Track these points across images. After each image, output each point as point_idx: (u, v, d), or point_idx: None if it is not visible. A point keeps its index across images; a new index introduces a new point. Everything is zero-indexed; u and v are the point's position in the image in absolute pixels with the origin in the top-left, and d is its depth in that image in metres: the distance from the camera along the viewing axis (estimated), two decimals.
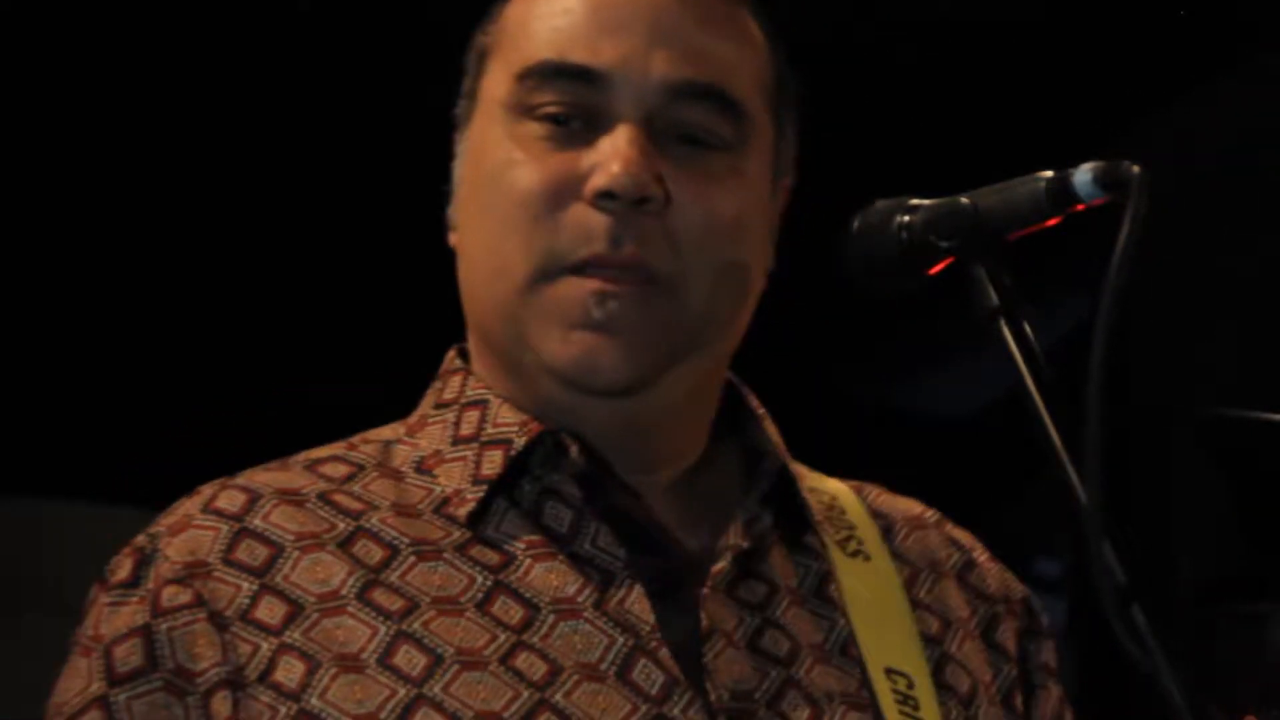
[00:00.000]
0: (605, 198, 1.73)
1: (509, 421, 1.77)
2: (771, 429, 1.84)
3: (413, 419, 1.85)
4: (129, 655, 1.68)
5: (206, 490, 1.76)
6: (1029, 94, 4.35)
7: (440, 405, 1.83)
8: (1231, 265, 4.43)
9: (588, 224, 1.73)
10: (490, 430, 1.77)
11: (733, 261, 1.78)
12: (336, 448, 1.82)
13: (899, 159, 1.89)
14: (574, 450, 1.75)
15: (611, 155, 1.73)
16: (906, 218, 1.76)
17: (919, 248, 1.74)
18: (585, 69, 1.76)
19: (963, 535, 1.93)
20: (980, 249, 1.71)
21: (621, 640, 1.68)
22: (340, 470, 1.78)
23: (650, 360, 1.74)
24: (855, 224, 1.78)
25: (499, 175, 1.76)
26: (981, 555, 1.92)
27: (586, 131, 1.75)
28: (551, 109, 1.76)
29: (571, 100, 1.76)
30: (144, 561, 1.73)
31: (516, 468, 1.75)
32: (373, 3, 4.14)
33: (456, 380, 1.83)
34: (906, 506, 1.93)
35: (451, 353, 1.87)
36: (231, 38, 4.14)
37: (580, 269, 1.73)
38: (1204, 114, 4.42)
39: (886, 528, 1.89)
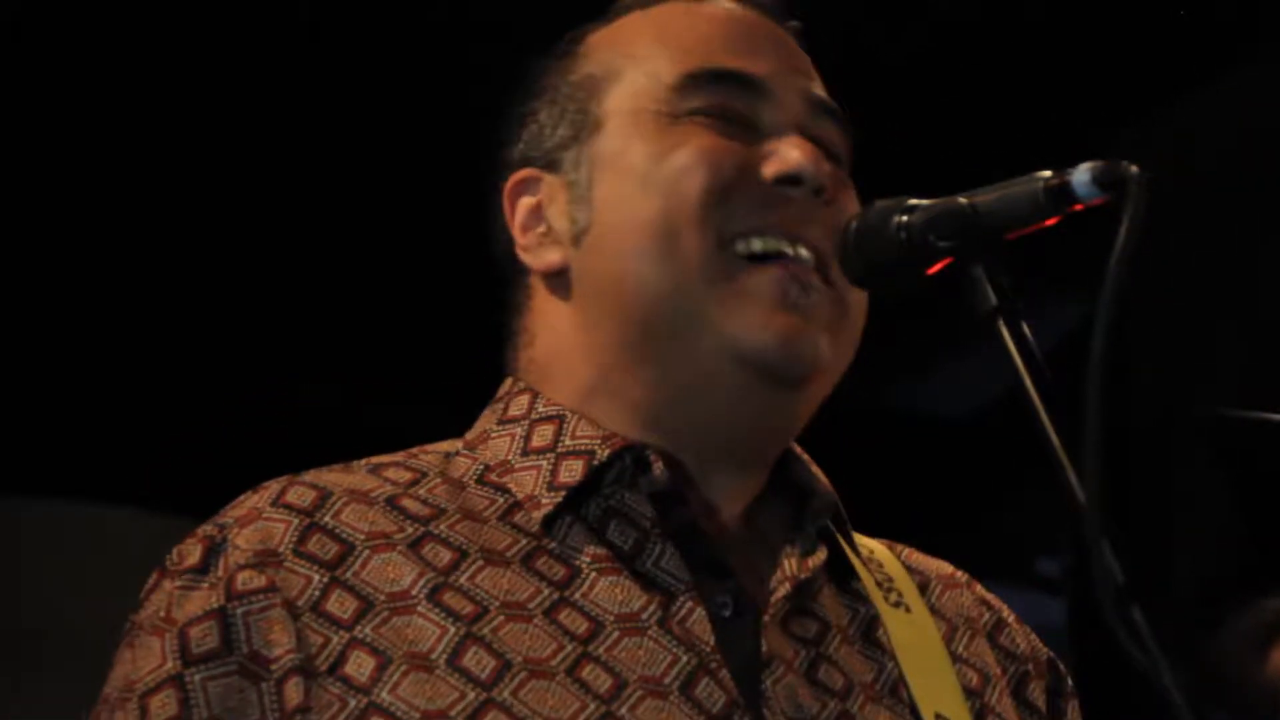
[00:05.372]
0: (788, 182, 1.80)
1: (589, 434, 1.80)
2: (819, 472, 1.88)
3: (471, 435, 1.87)
4: (204, 637, 1.69)
5: (273, 486, 1.78)
6: (1029, 94, 4.34)
7: (505, 421, 1.85)
8: (1232, 265, 4.42)
9: (768, 202, 1.79)
10: (568, 442, 1.80)
11: None
12: (396, 456, 1.84)
13: (898, 159, 1.89)
14: (658, 467, 1.78)
15: (793, 145, 1.81)
16: (905, 218, 1.76)
17: (918, 248, 1.74)
18: (748, 76, 1.85)
19: (991, 597, 1.98)
20: (979, 249, 1.71)
21: (685, 658, 1.70)
22: (404, 475, 1.80)
23: (831, 353, 1.81)
24: (854, 224, 1.79)
25: (660, 162, 1.81)
26: (1010, 616, 1.97)
27: (744, 133, 1.83)
28: (713, 108, 1.83)
29: (730, 104, 1.84)
30: (214, 549, 1.74)
31: (593, 481, 1.78)
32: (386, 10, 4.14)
33: (524, 399, 1.86)
34: (938, 566, 1.98)
35: (509, 380, 1.89)
36: (262, 48, 4.14)
37: (764, 257, 1.78)
38: (1204, 114, 4.42)
39: (923, 584, 1.93)
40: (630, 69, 1.87)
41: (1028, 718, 1.91)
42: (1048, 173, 1.68)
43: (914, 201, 1.77)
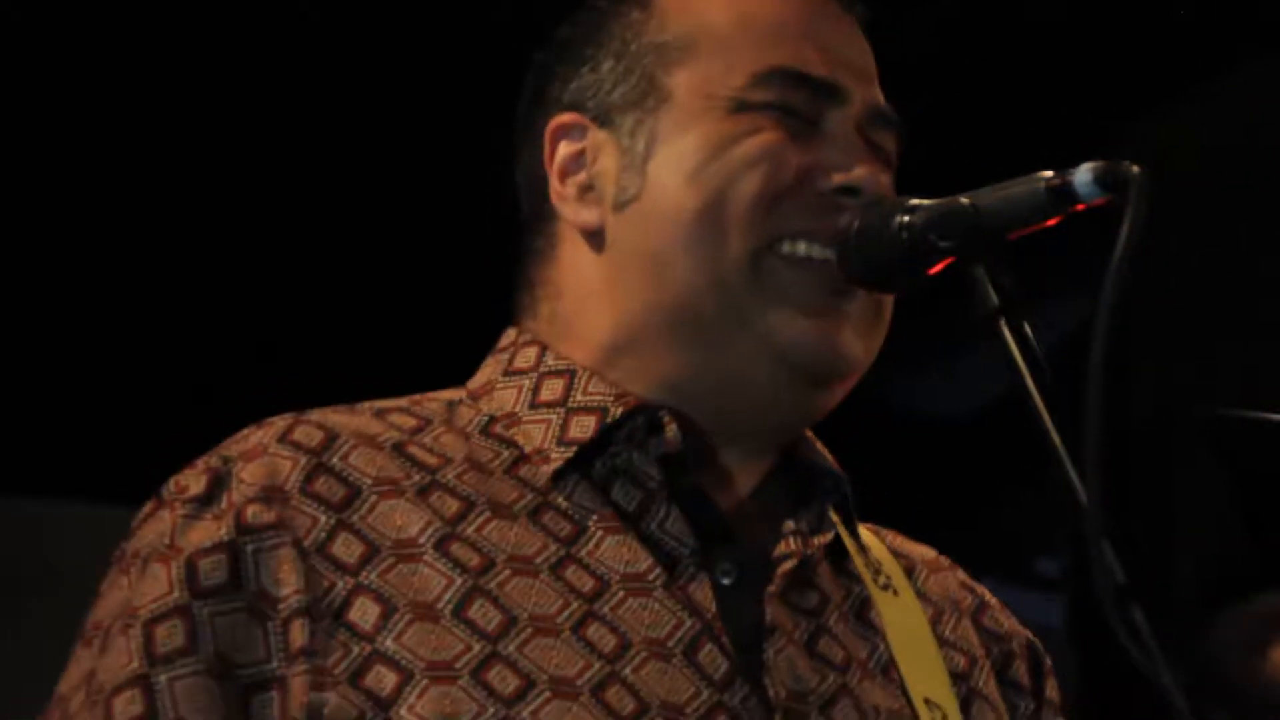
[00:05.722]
0: (846, 193, 1.79)
1: (601, 391, 1.79)
2: (826, 452, 1.88)
3: (474, 384, 1.86)
4: (213, 570, 1.68)
5: (279, 422, 1.77)
6: (1029, 94, 4.35)
7: (511, 373, 1.84)
8: (1232, 265, 4.42)
9: (820, 209, 1.79)
10: (579, 398, 1.79)
11: None
12: (400, 401, 1.83)
13: (899, 159, 1.90)
14: (671, 429, 1.77)
15: (855, 157, 1.81)
16: (906, 218, 1.76)
17: (919, 248, 1.75)
18: (826, 82, 1.83)
19: (972, 581, 1.98)
20: (980, 249, 1.71)
21: (689, 622, 1.71)
22: (409, 422, 1.80)
23: (865, 356, 1.81)
24: (855, 224, 1.79)
25: (721, 153, 1.80)
26: (991, 599, 1.97)
27: (807, 132, 1.82)
28: (784, 106, 1.82)
29: (799, 103, 1.82)
30: (219, 480, 1.72)
31: (603, 439, 1.77)
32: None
33: (530, 351, 1.84)
34: (922, 550, 1.97)
35: (513, 331, 1.88)
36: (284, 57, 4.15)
37: (808, 260, 1.78)
38: (1204, 114, 4.42)
39: (909, 568, 1.93)
40: (707, 48, 1.85)
41: (1013, 696, 1.91)
42: (1049, 173, 1.68)
43: (915, 201, 1.78)
